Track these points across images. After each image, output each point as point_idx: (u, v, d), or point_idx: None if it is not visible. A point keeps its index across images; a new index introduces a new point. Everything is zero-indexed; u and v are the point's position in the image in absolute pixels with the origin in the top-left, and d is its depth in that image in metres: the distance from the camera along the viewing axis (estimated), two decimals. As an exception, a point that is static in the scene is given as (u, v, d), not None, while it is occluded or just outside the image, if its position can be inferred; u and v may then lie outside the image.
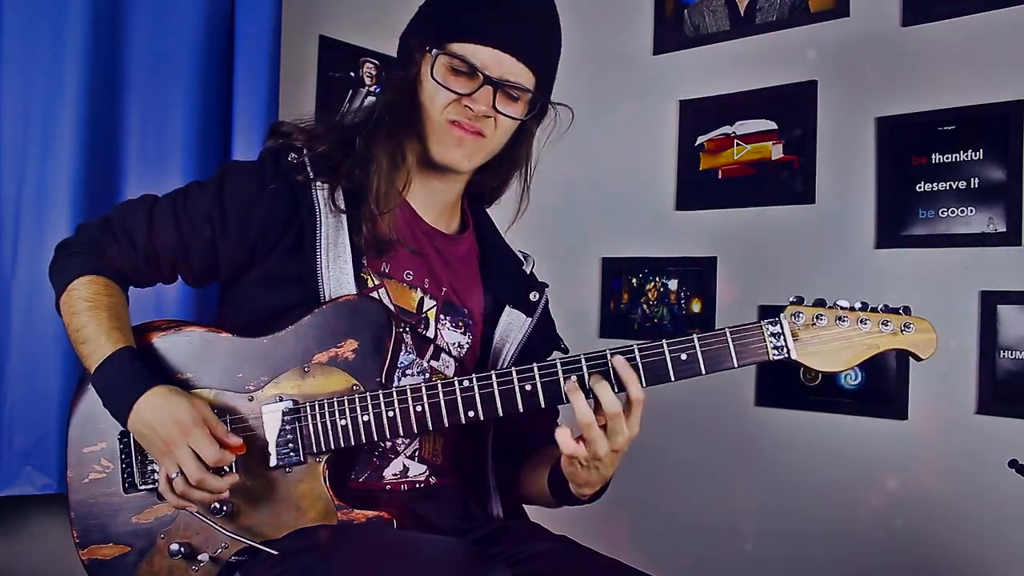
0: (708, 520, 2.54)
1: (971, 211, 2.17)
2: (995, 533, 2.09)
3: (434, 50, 1.29)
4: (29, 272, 1.76)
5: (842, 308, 1.19)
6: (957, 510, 2.14)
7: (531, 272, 1.53)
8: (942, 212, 2.21)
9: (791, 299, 1.20)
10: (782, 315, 1.19)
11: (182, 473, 1.18)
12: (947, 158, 2.21)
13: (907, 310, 1.19)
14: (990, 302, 2.13)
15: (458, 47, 1.28)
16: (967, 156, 2.19)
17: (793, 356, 1.18)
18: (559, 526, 1.43)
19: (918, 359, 1.19)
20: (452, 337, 1.40)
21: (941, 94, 2.22)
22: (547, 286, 1.52)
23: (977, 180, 2.17)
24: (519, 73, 1.30)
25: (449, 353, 1.40)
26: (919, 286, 2.22)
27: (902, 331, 1.18)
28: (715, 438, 2.53)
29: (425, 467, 1.38)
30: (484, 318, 1.45)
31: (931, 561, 2.18)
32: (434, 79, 1.29)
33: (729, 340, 1.19)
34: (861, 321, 1.18)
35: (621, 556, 1.30)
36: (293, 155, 1.32)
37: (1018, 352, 2.10)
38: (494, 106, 1.30)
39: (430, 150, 1.34)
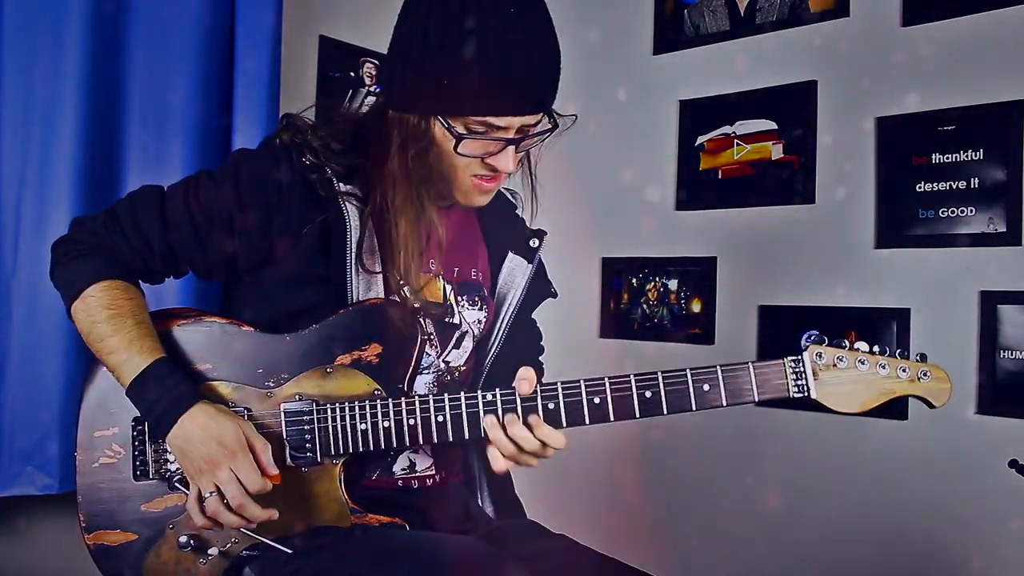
0: (708, 520, 2.54)
1: (971, 211, 2.17)
2: (995, 533, 2.09)
3: (452, 125, 1.23)
4: (29, 272, 1.76)
5: (862, 351, 1.22)
6: (957, 510, 2.14)
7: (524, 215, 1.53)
8: (942, 212, 2.21)
9: (812, 337, 1.23)
10: (804, 353, 1.22)
11: (218, 493, 1.18)
12: (947, 158, 2.21)
13: (923, 357, 1.23)
14: (990, 302, 2.13)
15: (478, 119, 1.23)
16: (967, 156, 2.18)
17: (812, 395, 1.22)
18: (559, 525, 1.43)
19: (931, 407, 1.23)
20: (472, 316, 1.40)
21: (941, 94, 2.22)
22: (545, 233, 1.51)
23: (977, 180, 2.17)
24: (534, 117, 1.27)
25: (472, 334, 1.40)
26: (919, 286, 2.22)
27: (919, 379, 1.22)
28: (715, 438, 2.53)
29: (432, 460, 1.38)
30: (491, 272, 1.46)
31: (931, 561, 2.18)
32: (458, 153, 1.25)
33: (752, 375, 1.21)
34: (881, 366, 1.21)
35: (621, 556, 1.30)
36: (309, 157, 1.28)
37: (1018, 352, 2.10)
38: (515, 151, 1.28)
39: (454, 197, 1.34)
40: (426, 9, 1.23)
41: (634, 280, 2.74)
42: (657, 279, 2.69)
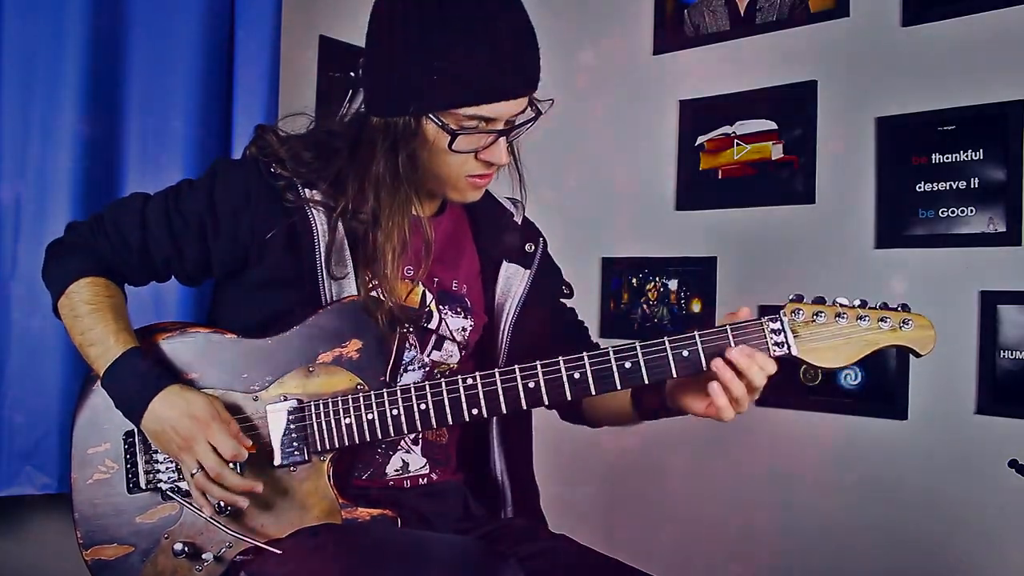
0: (708, 520, 2.54)
1: (971, 211, 2.17)
2: (995, 533, 2.09)
3: (444, 121, 1.22)
4: (29, 272, 1.76)
5: (841, 305, 1.20)
6: (956, 510, 2.14)
7: (523, 221, 1.51)
8: (942, 212, 2.21)
9: (790, 297, 1.22)
10: (782, 312, 1.20)
11: (202, 468, 1.20)
12: (947, 158, 2.21)
13: (905, 307, 1.21)
14: (990, 302, 2.13)
15: (470, 111, 1.21)
16: (967, 156, 2.18)
17: (794, 352, 1.19)
18: (559, 525, 1.43)
19: (917, 355, 1.20)
20: (456, 323, 1.40)
21: (941, 94, 2.22)
22: (541, 235, 1.50)
23: (977, 180, 2.17)
24: (522, 105, 1.26)
25: (453, 340, 1.40)
26: (919, 286, 2.22)
27: (901, 327, 1.19)
28: (715, 438, 2.53)
29: (425, 460, 1.38)
30: (483, 280, 1.45)
31: (931, 561, 2.18)
32: (453, 150, 1.24)
33: (731, 337, 1.20)
34: (860, 318, 1.19)
35: (621, 556, 1.30)
36: (276, 167, 1.31)
37: (1018, 352, 2.10)
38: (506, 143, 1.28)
39: (448, 195, 1.34)
40: (403, 10, 1.22)
41: (634, 280, 2.74)
42: (657, 279, 2.69)
